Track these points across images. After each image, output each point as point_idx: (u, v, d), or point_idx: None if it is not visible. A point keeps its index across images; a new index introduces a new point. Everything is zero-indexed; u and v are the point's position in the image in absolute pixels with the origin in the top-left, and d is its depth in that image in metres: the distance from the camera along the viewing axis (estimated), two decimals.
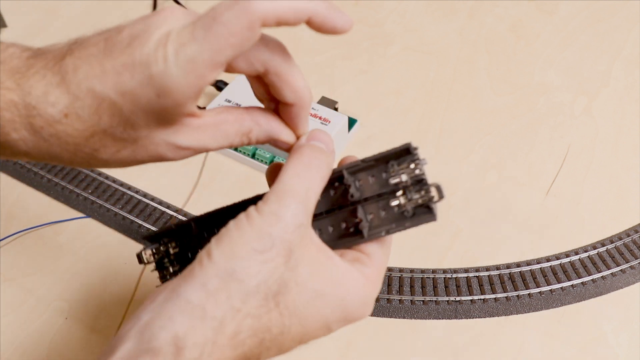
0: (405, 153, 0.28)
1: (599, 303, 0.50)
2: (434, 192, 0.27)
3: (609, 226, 0.56)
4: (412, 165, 0.28)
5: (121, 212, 0.56)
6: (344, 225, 0.29)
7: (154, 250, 0.33)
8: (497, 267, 0.52)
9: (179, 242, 0.33)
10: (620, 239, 0.54)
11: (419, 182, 0.28)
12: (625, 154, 0.62)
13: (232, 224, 0.25)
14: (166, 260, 0.33)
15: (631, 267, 0.52)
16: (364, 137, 0.63)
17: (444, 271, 0.52)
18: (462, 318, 0.50)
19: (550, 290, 0.51)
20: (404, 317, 0.50)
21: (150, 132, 0.27)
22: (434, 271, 0.52)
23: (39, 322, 0.49)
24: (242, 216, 0.25)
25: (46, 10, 0.78)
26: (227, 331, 0.23)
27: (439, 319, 0.50)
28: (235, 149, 0.60)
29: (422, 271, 0.52)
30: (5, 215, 0.57)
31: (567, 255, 0.53)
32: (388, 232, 0.28)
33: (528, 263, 0.53)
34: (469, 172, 0.60)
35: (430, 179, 0.28)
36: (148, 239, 0.33)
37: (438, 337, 0.49)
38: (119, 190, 0.58)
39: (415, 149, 0.28)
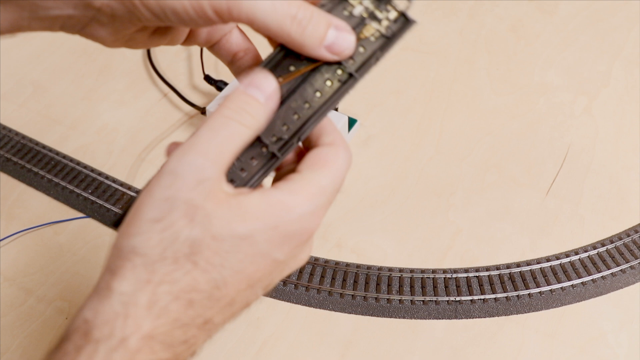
0: None
1: (599, 303, 0.50)
2: (401, 3, 0.27)
3: (609, 226, 0.56)
4: None
5: (121, 212, 0.56)
6: (336, 78, 0.27)
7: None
8: (497, 267, 0.52)
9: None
10: (620, 239, 0.54)
11: (382, 1, 0.27)
12: (625, 154, 0.61)
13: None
14: None
15: (631, 267, 0.52)
16: (364, 137, 0.63)
17: (444, 271, 0.52)
18: (462, 318, 0.50)
19: (550, 290, 0.51)
20: (404, 317, 0.50)
21: None
22: (434, 271, 0.52)
23: (39, 322, 0.49)
24: (144, 187, 0.25)
25: None
26: (141, 302, 0.23)
27: (439, 319, 0.50)
28: None
29: (422, 271, 0.52)
30: (5, 215, 0.57)
31: (567, 255, 0.53)
32: (377, 59, 0.28)
33: (528, 263, 0.53)
34: (469, 172, 0.60)
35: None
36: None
37: (438, 337, 0.49)
38: (119, 190, 0.58)
39: None
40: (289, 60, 0.27)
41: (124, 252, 0.23)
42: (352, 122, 0.63)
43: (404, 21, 0.27)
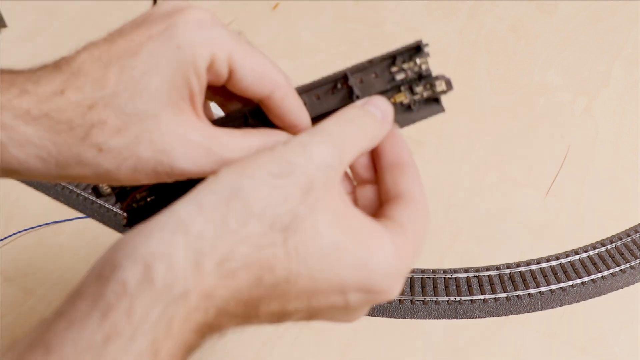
0: (414, 51, 0.28)
1: (599, 303, 0.50)
2: (441, 85, 0.28)
3: (609, 226, 0.56)
4: (418, 61, 0.28)
5: (121, 212, 0.56)
6: None
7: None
8: (497, 267, 0.52)
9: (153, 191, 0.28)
10: (620, 239, 0.54)
11: (425, 77, 0.28)
12: (625, 154, 0.61)
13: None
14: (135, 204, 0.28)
15: (631, 267, 0.52)
16: None
17: (444, 271, 0.52)
18: (462, 318, 0.50)
19: (550, 290, 0.51)
20: (404, 317, 0.50)
21: (162, 111, 0.23)
22: (434, 271, 0.52)
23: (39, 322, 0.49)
24: (264, 151, 0.23)
25: (46, 10, 0.78)
26: (215, 254, 0.20)
27: (439, 319, 0.50)
28: None
29: (422, 271, 0.52)
30: (5, 215, 0.57)
31: (567, 255, 0.53)
32: (399, 126, 0.28)
33: (528, 263, 0.53)
34: (469, 172, 0.60)
35: (436, 72, 0.28)
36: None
37: (438, 337, 0.49)
38: None
39: (426, 45, 0.28)
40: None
41: (224, 187, 0.21)
42: None
43: (435, 105, 0.28)
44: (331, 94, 0.28)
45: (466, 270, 0.52)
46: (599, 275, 0.52)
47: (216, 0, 0.78)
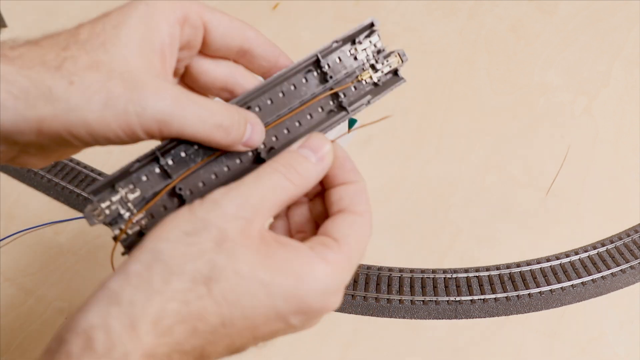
0: (368, 31, 0.31)
1: (599, 303, 0.50)
2: (395, 59, 0.32)
3: (609, 226, 0.56)
4: (372, 40, 0.32)
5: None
6: (328, 107, 0.31)
7: (102, 206, 0.27)
8: (497, 267, 0.52)
9: (139, 184, 0.27)
10: (620, 239, 0.54)
11: (382, 54, 0.32)
12: (625, 154, 0.61)
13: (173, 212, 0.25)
14: (124, 211, 0.28)
15: (631, 267, 0.52)
16: (364, 137, 0.63)
17: (444, 271, 0.52)
18: (462, 318, 0.50)
19: (550, 290, 0.51)
20: (404, 317, 0.50)
21: (131, 54, 0.25)
22: (434, 271, 0.52)
23: (39, 322, 0.49)
24: (185, 206, 0.25)
25: (46, 10, 0.78)
26: (148, 316, 0.22)
27: (439, 319, 0.50)
28: None
29: (422, 271, 0.52)
30: (5, 215, 0.57)
31: (567, 255, 0.53)
32: (369, 102, 0.32)
33: (528, 263, 0.53)
34: (469, 172, 0.60)
35: (392, 47, 0.32)
36: (94, 192, 0.27)
37: (438, 337, 0.49)
38: None
39: (377, 22, 0.31)
40: None
41: (146, 254, 0.23)
42: (352, 122, 0.63)
43: (395, 77, 0.32)
44: (305, 81, 0.30)
45: (466, 270, 0.52)
46: (599, 275, 0.52)
47: (216, 0, 0.78)
